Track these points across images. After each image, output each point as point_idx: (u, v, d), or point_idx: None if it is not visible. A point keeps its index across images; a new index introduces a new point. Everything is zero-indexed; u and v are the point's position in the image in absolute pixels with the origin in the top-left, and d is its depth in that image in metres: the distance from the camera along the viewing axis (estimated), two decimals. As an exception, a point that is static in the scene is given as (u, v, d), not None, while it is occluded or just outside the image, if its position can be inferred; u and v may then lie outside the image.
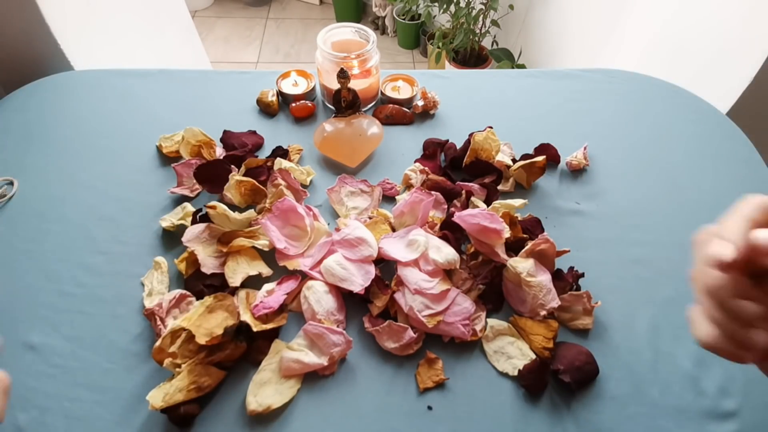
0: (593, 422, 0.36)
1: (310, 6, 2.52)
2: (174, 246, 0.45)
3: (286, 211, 0.44)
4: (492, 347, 0.40)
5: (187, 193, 0.49)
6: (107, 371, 0.38)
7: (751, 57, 0.66)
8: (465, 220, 0.42)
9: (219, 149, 0.53)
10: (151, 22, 1.03)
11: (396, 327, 0.39)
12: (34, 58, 0.62)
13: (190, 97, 0.60)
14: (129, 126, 0.56)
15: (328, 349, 0.38)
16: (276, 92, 0.58)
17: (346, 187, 0.49)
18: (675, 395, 0.37)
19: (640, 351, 0.39)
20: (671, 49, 0.91)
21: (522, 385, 0.37)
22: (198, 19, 2.38)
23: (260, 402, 0.36)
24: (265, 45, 2.28)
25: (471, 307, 0.40)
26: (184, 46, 1.21)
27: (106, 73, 0.62)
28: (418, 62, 2.21)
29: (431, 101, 0.57)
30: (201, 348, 0.36)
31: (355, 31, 0.56)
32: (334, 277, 0.40)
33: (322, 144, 0.52)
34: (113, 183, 0.50)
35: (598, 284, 0.43)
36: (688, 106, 0.60)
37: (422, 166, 0.50)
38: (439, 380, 0.37)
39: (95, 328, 0.40)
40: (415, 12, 1.85)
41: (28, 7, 0.58)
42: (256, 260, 0.43)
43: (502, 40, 1.78)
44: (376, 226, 0.45)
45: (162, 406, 0.34)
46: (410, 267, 0.41)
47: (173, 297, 0.40)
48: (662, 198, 0.50)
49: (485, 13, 1.58)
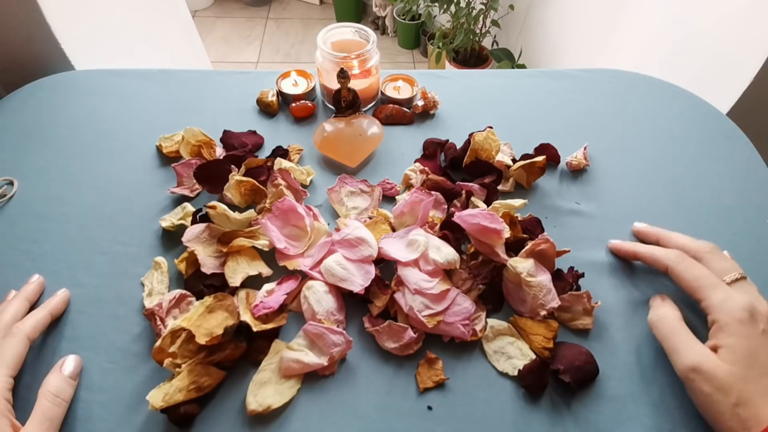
0: (593, 422, 0.36)
1: (310, 6, 2.52)
2: (174, 246, 0.45)
3: (286, 211, 0.44)
4: (492, 347, 0.40)
5: (187, 193, 0.49)
6: (107, 371, 0.38)
7: (751, 57, 0.66)
8: (465, 220, 0.42)
9: (219, 149, 0.53)
10: (151, 22, 1.03)
11: (396, 327, 0.39)
12: (34, 58, 0.62)
13: (190, 97, 0.60)
14: (129, 126, 0.56)
15: (328, 349, 0.38)
16: (276, 92, 0.58)
17: (346, 187, 0.49)
18: (675, 395, 0.37)
19: (640, 351, 0.40)
20: (671, 49, 0.91)
21: (522, 385, 0.37)
22: (198, 19, 2.38)
23: (260, 402, 0.36)
24: (265, 45, 2.28)
25: (471, 307, 0.40)
26: (184, 46, 1.21)
27: (107, 73, 0.62)
28: (418, 62, 2.21)
29: (431, 101, 0.57)
30: (201, 348, 0.36)
31: (355, 31, 0.56)
32: (334, 277, 0.40)
33: (322, 144, 0.52)
34: (113, 183, 0.50)
35: (598, 284, 0.43)
36: (688, 106, 0.60)
37: (422, 166, 0.50)
38: (439, 380, 0.38)
39: (95, 328, 0.40)
40: (416, 12, 1.85)
41: (28, 6, 0.58)
42: (256, 260, 0.43)
43: (502, 40, 1.78)
44: (376, 226, 0.45)
45: (162, 406, 0.34)
46: (410, 267, 0.41)
47: (173, 297, 0.40)
48: (662, 198, 0.50)
49: (485, 13, 1.58)
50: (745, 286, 0.37)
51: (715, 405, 0.33)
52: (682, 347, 0.35)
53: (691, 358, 0.34)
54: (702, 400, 0.34)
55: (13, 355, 0.35)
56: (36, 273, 0.43)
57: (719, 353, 0.34)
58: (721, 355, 0.33)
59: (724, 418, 0.32)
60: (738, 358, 0.33)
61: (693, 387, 0.34)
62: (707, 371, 0.33)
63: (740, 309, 0.35)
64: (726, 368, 0.33)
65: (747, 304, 0.35)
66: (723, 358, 0.33)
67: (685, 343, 0.35)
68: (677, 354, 0.36)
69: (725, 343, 0.34)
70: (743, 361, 0.33)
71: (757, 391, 0.32)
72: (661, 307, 0.39)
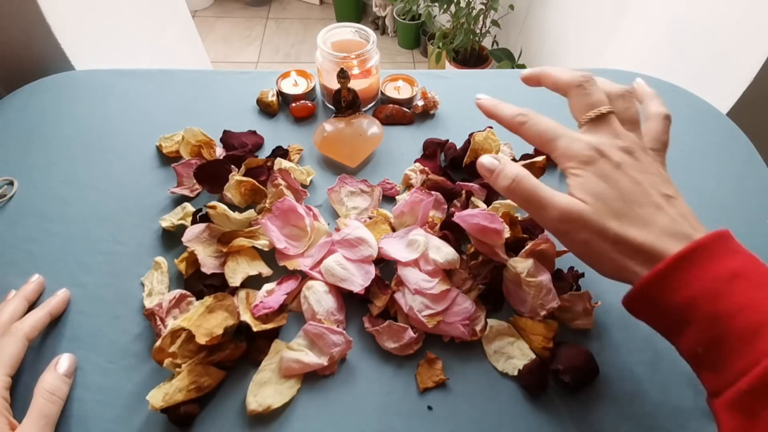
0: (593, 422, 0.36)
1: (310, 6, 2.52)
2: (174, 246, 0.45)
3: (286, 211, 0.44)
4: (492, 347, 0.40)
5: (187, 193, 0.49)
6: (107, 371, 0.38)
7: (751, 57, 0.66)
8: (465, 220, 0.42)
9: (219, 149, 0.53)
10: (151, 22, 1.03)
11: (396, 327, 0.39)
12: (34, 58, 0.62)
13: (190, 97, 0.60)
14: (129, 126, 0.56)
15: (328, 349, 0.38)
16: (276, 92, 0.58)
17: (346, 187, 0.49)
18: (675, 395, 0.37)
19: (640, 351, 0.40)
20: (671, 49, 0.91)
21: (522, 385, 0.37)
22: (198, 19, 2.38)
23: (260, 402, 0.36)
24: (265, 45, 2.28)
25: (471, 307, 0.40)
26: (184, 46, 1.21)
27: (107, 73, 0.62)
28: (418, 62, 2.21)
29: (431, 101, 0.57)
30: (201, 348, 0.36)
31: (355, 31, 0.56)
32: (334, 277, 0.40)
33: (322, 144, 0.52)
34: (113, 183, 0.50)
35: (598, 284, 0.43)
36: (688, 106, 0.60)
37: (422, 166, 0.50)
38: (439, 380, 0.38)
39: (95, 328, 0.40)
40: (416, 12, 1.85)
41: (28, 6, 0.58)
42: (256, 260, 0.43)
43: (502, 40, 1.78)
44: (376, 226, 0.45)
45: (162, 406, 0.34)
46: (410, 267, 0.41)
47: (173, 297, 0.40)
48: (662, 198, 0.50)
49: (485, 13, 1.58)
50: (601, 125, 0.33)
51: (595, 250, 0.31)
52: (547, 202, 0.32)
53: (559, 209, 0.31)
54: (583, 250, 0.32)
55: (11, 354, 0.35)
56: (36, 273, 0.43)
57: (582, 199, 0.31)
58: (584, 199, 0.31)
59: (607, 259, 0.31)
60: (596, 195, 0.31)
61: (571, 239, 0.32)
62: (577, 216, 0.31)
63: (583, 150, 0.32)
64: (594, 207, 0.31)
65: (591, 144, 0.32)
66: (587, 202, 0.31)
67: (550, 197, 0.32)
68: (544, 210, 0.32)
69: (575, 184, 0.32)
70: (604, 197, 0.31)
71: (630, 221, 0.30)
72: (508, 168, 0.34)
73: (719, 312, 0.27)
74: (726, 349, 0.27)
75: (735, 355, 0.27)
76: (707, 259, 0.28)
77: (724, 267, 0.28)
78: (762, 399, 0.25)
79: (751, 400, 0.26)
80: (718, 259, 0.28)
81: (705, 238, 0.29)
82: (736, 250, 0.29)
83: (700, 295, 0.28)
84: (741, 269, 0.28)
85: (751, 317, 0.27)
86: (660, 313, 0.30)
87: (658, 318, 0.30)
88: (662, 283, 0.29)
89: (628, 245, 0.30)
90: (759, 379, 0.25)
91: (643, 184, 0.32)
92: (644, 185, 0.32)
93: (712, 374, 0.28)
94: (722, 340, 0.27)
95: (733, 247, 0.29)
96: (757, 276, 0.28)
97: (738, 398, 0.26)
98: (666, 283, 0.29)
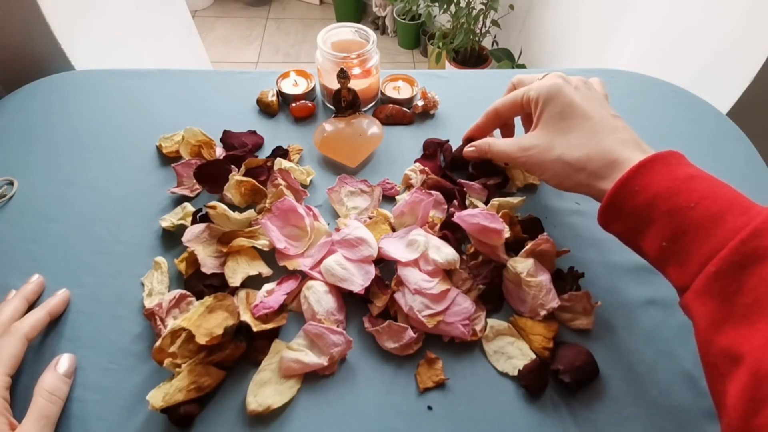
0: (593, 422, 0.36)
1: (310, 6, 2.52)
2: (174, 246, 0.45)
3: (286, 211, 0.44)
4: (492, 347, 0.40)
5: (187, 193, 0.49)
6: (107, 371, 0.38)
7: (750, 57, 0.66)
8: (465, 220, 0.42)
9: (219, 149, 0.53)
10: (151, 22, 1.03)
11: (396, 327, 0.39)
12: (34, 58, 0.62)
13: (190, 97, 0.60)
14: (129, 126, 0.56)
15: (328, 349, 0.38)
16: (276, 92, 0.58)
17: (346, 187, 0.49)
18: (675, 395, 0.37)
19: (640, 351, 0.40)
20: (671, 49, 0.91)
21: (522, 385, 0.37)
22: (198, 19, 2.38)
23: (260, 402, 0.36)
24: (265, 45, 2.28)
25: (471, 307, 0.40)
26: (184, 46, 1.21)
27: (107, 73, 0.62)
28: (418, 62, 2.21)
29: (431, 101, 0.57)
30: (201, 348, 0.36)
31: (355, 31, 0.56)
32: (334, 277, 0.40)
33: (322, 144, 0.52)
34: (113, 183, 0.50)
35: (598, 284, 0.43)
36: (688, 106, 0.60)
37: (422, 166, 0.50)
38: (439, 380, 0.38)
39: (95, 328, 0.40)
40: (416, 12, 1.85)
41: (28, 6, 0.58)
42: (256, 260, 0.43)
43: (502, 40, 1.78)
44: (376, 226, 0.45)
45: (162, 406, 0.34)
46: (410, 267, 0.41)
47: (173, 297, 0.40)
48: (662, 198, 0.50)
49: (485, 13, 1.58)
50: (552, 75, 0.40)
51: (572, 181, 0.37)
52: (533, 149, 0.39)
53: (555, 152, 0.37)
54: (568, 184, 0.37)
55: (10, 354, 0.35)
56: (36, 273, 0.43)
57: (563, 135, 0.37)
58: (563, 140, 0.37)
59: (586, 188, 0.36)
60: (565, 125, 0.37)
61: (555, 175, 0.38)
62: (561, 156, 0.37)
63: (546, 86, 0.38)
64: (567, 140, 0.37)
65: (551, 82, 0.38)
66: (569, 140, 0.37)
67: (516, 140, 0.41)
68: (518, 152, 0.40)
69: (545, 118, 0.38)
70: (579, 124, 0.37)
71: (607, 145, 0.35)
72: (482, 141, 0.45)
73: (679, 204, 0.29)
74: (688, 239, 0.28)
75: (698, 243, 0.28)
76: (665, 166, 0.32)
77: (681, 171, 0.31)
78: (731, 279, 0.26)
79: (721, 284, 0.26)
80: (675, 167, 0.32)
81: (663, 152, 0.32)
82: (691, 164, 0.33)
83: (660, 194, 0.30)
84: (697, 173, 0.31)
85: (710, 207, 0.28)
86: (626, 218, 0.33)
87: (625, 225, 0.33)
88: (626, 189, 0.32)
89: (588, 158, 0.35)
90: (726, 261, 0.26)
91: (596, 103, 0.38)
92: (598, 105, 0.38)
93: (678, 268, 0.29)
94: (684, 230, 0.29)
95: (688, 162, 0.33)
96: (714, 179, 0.31)
97: (708, 282, 0.27)
98: (629, 187, 0.32)
